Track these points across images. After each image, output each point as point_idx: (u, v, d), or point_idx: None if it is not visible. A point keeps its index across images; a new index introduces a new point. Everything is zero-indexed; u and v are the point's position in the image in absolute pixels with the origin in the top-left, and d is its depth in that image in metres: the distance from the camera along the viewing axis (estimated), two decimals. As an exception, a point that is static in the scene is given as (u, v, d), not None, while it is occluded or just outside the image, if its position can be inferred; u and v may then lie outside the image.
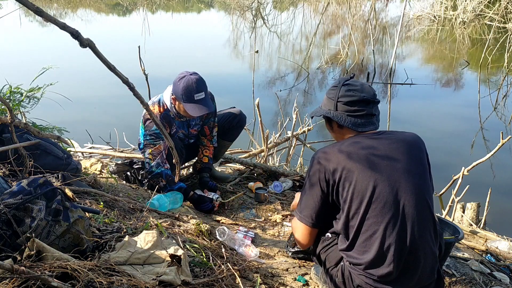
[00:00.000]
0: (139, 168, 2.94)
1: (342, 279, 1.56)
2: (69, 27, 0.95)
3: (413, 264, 1.44)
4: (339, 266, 1.60)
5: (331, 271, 1.63)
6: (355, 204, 1.45)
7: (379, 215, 1.42)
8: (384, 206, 1.41)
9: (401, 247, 1.41)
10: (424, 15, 14.24)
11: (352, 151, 1.49)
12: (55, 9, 15.97)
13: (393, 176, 1.44)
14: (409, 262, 1.43)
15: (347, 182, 1.45)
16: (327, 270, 1.66)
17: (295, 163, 4.29)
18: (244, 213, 2.79)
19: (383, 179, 1.43)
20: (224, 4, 18.57)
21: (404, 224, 1.42)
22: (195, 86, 2.49)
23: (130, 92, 1.17)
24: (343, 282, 1.56)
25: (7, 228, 1.24)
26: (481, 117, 6.41)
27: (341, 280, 1.57)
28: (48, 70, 3.25)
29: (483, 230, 2.97)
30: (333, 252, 1.63)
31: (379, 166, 1.45)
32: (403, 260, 1.43)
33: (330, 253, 1.64)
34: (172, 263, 1.38)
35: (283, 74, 8.74)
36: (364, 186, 1.43)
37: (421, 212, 1.43)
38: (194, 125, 2.89)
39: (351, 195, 1.45)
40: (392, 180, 1.43)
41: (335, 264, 1.62)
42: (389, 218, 1.41)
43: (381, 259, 1.43)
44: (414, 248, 1.42)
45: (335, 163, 1.48)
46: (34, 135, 2.03)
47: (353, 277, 1.52)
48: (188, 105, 2.52)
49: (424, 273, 1.45)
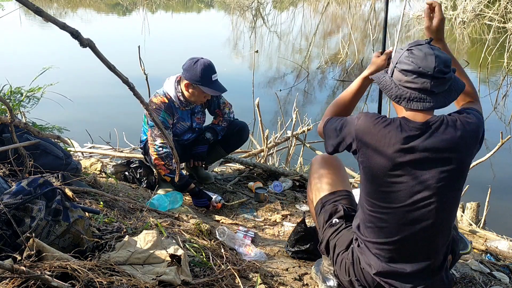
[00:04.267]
0: (136, 167, 2.94)
1: (352, 260, 1.58)
2: (69, 27, 0.95)
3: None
4: (350, 248, 1.61)
5: (342, 255, 1.63)
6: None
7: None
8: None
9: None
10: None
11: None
12: (55, 9, 15.95)
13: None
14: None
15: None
16: (337, 255, 1.65)
17: (295, 163, 4.29)
18: (244, 213, 2.79)
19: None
20: (224, 4, 18.55)
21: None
22: (211, 68, 2.61)
23: (130, 92, 1.17)
24: (352, 263, 1.58)
25: (7, 228, 1.24)
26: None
27: (351, 261, 1.59)
28: (48, 70, 3.24)
29: (483, 230, 2.97)
30: (343, 236, 1.64)
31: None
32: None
33: (340, 237, 1.65)
34: (172, 263, 1.38)
35: (283, 74, 8.74)
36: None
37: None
38: (197, 112, 2.90)
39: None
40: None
41: (346, 248, 1.63)
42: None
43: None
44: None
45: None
46: (34, 135, 2.03)
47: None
48: (206, 87, 2.61)
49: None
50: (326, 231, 1.70)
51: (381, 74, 1.54)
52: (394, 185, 1.44)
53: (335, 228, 1.66)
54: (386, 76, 1.50)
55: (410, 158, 1.41)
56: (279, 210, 2.85)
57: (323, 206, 1.77)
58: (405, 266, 1.49)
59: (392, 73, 1.47)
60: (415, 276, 1.49)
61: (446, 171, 1.42)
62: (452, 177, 1.44)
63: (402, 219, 1.46)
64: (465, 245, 1.92)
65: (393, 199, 1.45)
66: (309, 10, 17.68)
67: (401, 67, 1.43)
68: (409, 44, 1.47)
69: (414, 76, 1.40)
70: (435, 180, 1.42)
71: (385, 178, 1.45)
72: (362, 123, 1.49)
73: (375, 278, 1.52)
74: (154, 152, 2.64)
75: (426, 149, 1.41)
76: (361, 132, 1.48)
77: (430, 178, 1.42)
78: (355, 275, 1.59)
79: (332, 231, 1.67)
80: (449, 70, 1.42)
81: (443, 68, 1.39)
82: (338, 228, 1.66)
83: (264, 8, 18.02)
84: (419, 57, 1.40)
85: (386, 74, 1.52)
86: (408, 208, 1.45)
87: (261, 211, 2.84)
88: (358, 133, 1.49)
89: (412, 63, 1.40)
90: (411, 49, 1.43)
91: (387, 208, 1.47)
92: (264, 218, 2.75)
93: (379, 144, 1.44)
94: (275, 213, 2.80)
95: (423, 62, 1.39)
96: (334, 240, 1.66)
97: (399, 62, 1.44)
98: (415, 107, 1.42)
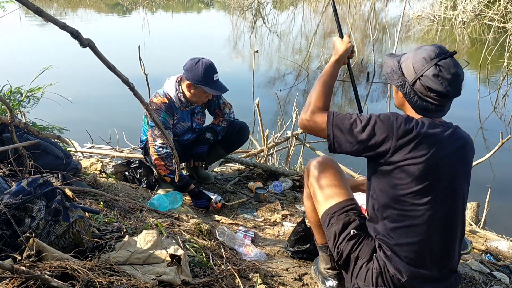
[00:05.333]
0: (136, 167, 2.94)
1: (380, 269, 1.51)
2: (69, 27, 0.95)
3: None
4: (373, 257, 1.54)
5: (366, 266, 1.55)
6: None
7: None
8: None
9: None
10: (424, 15, 14.23)
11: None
12: (55, 9, 15.95)
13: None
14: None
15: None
16: (360, 267, 1.56)
17: (295, 163, 4.29)
18: (244, 213, 2.79)
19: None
20: (224, 4, 18.55)
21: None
22: (213, 68, 2.63)
23: (130, 92, 1.17)
24: (380, 272, 1.51)
25: (7, 228, 1.24)
26: (480, 117, 6.40)
27: (378, 271, 1.52)
28: (48, 70, 3.24)
29: (483, 230, 2.97)
30: (365, 246, 1.56)
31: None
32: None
33: (362, 248, 1.57)
34: (172, 263, 1.38)
35: (283, 74, 8.74)
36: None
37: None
38: (197, 112, 2.90)
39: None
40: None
41: (370, 258, 1.55)
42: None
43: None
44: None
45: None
46: (34, 135, 2.03)
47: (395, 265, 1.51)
48: (208, 87, 2.62)
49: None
50: (345, 244, 1.59)
51: (399, 77, 1.52)
52: (434, 182, 1.46)
53: (356, 240, 1.57)
54: (406, 84, 1.50)
55: (446, 152, 1.46)
56: (279, 210, 2.85)
57: (332, 217, 1.66)
58: (433, 269, 1.49)
59: (413, 82, 1.48)
60: (440, 278, 1.51)
61: (465, 170, 1.52)
62: (468, 175, 1.54)
63: (431, 216, 1.47)
64: (465, 245, 1.92)
65: (429, 195, 1.46)
66: (309, 10, 17.68)
67: (428, 84, 1.44)
68: (430, 52, 1.46)
69: (439, 95, 1.45)
70: (461, 177, 1.50)
71: (432, 174, 1.45)
72: (402, 124, 1.46)
73: (405, 284, 1.48)
74: (155, 152, 2.64)
75: (453, 147, 1.48)
76: (403, 134, 1.45)
77: (458, 175, 1.49)
78: (384, 284, 1.52)
79: (353, 243, 1.58)
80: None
81: (460, 89, 1.47)
82: (358, 239, 1.57)
83: (264, 8, 18.02)
84: (447, 79, 1.43)
85: (403, 77, 1.51)
86: (439, 204, 1.47)
87: (261, 211, 2.84)
88: (400, 135, 1.45)
89: (441, 84, 1.43)
90: (439, 64, 1.43)
91: (422, 204, 1.46)
92: (264, 218, 2.75)
93: (427, 143, 1.45)
94: (275, 213, 2.80)
95: (451, 86, 1.43)
96: (356, 252, 1.57)
97: (425, 76, 1.45)
98: (435, 116, 1.51)
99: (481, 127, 6.07)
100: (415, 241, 1.48)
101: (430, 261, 1.49)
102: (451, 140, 1.48)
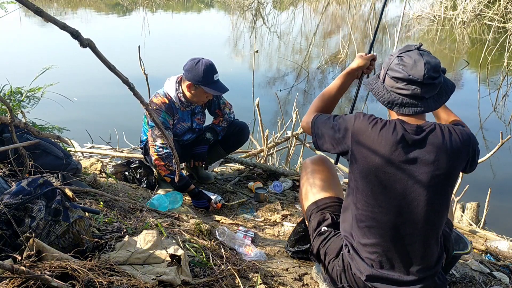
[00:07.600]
0: (136, 167, 2.94)
1: (343, 267, 1.59)
2: (69, 27, 0.95)
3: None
4: (340, 255, 1.62)
5: (333, 262, 1.64)
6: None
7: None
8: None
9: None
10: (424, 15, 14.23)
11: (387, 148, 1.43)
12: (55, 9, 15.94)
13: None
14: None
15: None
16: (328, 263, 1.66)
17: (295, 163, 4.29)
18: (244, 213, 2.79)
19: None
20: (224, 4, 18.55)
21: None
22: (213, 68, 2.62)
23: (130, 92, 1.17)
24: (343, 269, 1.59)
25: (7, 228, 1.24)
26: (480, 117, 6.41)
27: (342, 268, 1.59)
28: (48, 70, 3.24)
29: (483, 230, 2.97)
30: (333, 243, 1.65)
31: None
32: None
33: (330, 245, 1.65)
34: (172, 263, 1.38)
35: (283, 74, 8.74)
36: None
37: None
38: (197, 112, 2.90)
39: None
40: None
41: (336, 255, 1.63)
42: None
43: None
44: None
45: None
46: (34, 135, 2.03)
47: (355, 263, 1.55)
48: (208, 87, 2.61)
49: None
50: (316, 239, 1.71)
51: (373, 80, 1.58)
52: (388, 183, 1.45)
53: (324, 237, 1.67)
54: (378, 82, 1.53)
55: (403, 158, 1.43)
56: (279, 210, 2.85)
57: (312, 213, 1.78)
58: (394, 272, 1.49)
59: (383, 79, 1.51)
60: (410, 282, 1.50)
61: (436, 175, 1.44)
62: (441, 181, 1.45)
63: (392, 219, 1.47)
64: (465, 245, 1.92)
65: (385, 197, 1.47)
66: (309, 10, 17.68)
67: (392, 74, 1.46)
68: (399, 50, 1.50)
69: (404, 83, 1.44)
70: (425, 182, 1.43)
71: (379, 176, 1.46)
72: (359, 123, 1.50)
73: (367, 283, 1.52)
74: (155, 152, 2.64)
75: (419, 151, 1.43)
76: (358, 132, 1.49)
77: (421, 180, 1.44)
78: (347, 281, 1.60)
79: (322, 239, 1.68)
80: (439, 75, 1.46)
81: (432, 74, 1.43)
82: (327, 236, 1.67)
83: (264, 8, 18.01)
84: (409, 64, 1.43)
85: (377, 79, 1.55)
86: (399, 208, 1.46)
87: (261, 211, 2.84)
88: (355, 132, 1.50)
89: (402, 70, 1.44)
90: (401, 55, 1.46)
91: (379, 206, 1.47)
92: (264, 218, 2.75)
93: (375, 143, 1.45)
94: (275, 213, 2.80)
95: (413, 70, 1.42)
96: (324, 248, 1.67)
97: (390, 69, 1.48)
98: (406, 112, 1.46)
99: (481, 127, 6.07)
100: (374, 243, 1.49)
101: (394, 264, 1.49)
102: (413, 144, 1.43)
